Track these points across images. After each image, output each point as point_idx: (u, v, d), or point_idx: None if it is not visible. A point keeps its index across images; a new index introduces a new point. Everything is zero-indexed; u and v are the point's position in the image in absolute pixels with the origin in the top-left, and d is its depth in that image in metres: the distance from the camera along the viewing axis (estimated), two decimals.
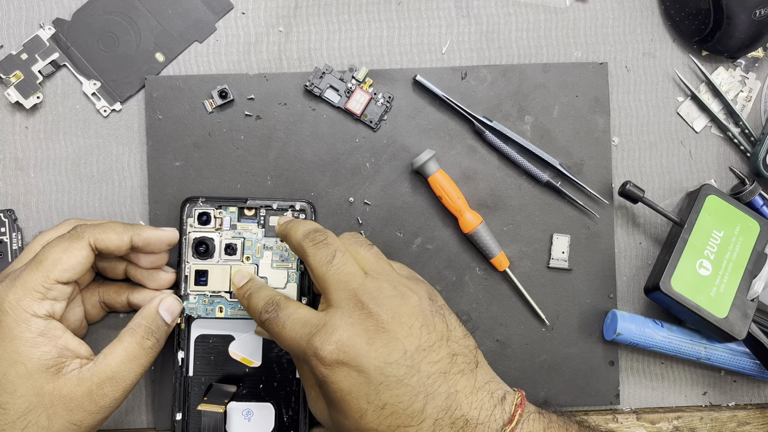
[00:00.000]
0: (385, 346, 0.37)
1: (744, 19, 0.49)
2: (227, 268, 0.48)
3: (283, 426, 0.48)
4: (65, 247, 0.41)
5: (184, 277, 0.48)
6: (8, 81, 0.50)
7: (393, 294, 0.39)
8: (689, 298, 0.47)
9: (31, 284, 0.40)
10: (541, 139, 0.52)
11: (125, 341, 0.42)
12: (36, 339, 0.40)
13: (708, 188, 0.49)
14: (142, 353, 0.42)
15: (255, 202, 0.48)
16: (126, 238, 0.43)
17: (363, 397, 0.37)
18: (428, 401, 0.37)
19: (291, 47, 0.52)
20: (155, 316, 0.44)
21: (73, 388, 0.40)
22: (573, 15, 0.53)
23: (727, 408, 0.52)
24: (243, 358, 0.48)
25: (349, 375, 0.37)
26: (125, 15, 0.51)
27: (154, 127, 0.50)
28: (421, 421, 0.37)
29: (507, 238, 0.51)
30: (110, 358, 0.41)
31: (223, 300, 0.48)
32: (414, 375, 0.37)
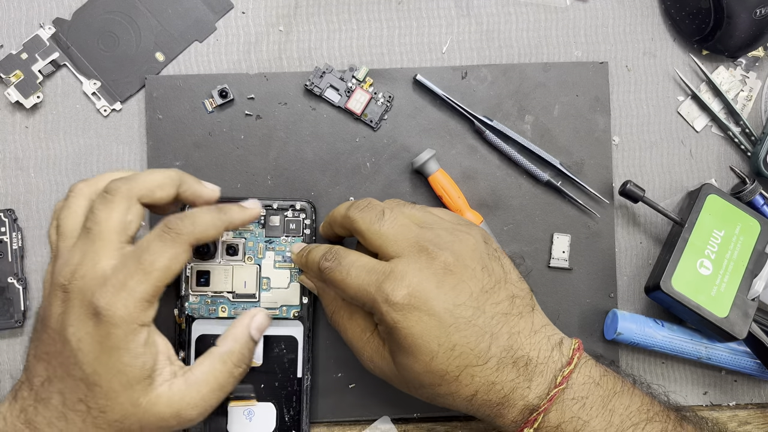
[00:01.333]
0: (453, 289, 0.38)
1: (744, 18, 0.49)
2: (229, 269, 0.48)
3: (285, 426, 0.48)
4: (173, 256, 0.39)
5: (185, 278, 0.47)
6: (8, 81, 0.50)
7: (451, 239, 0.40)
8: (690, 297, 0.47)
9: (140, 295, 0.38)
10: (542, 139, 0.52)
11: (217, 369, 0.41)
12: (139, 349, 0.38)
13: (708, 188, 0.49)
14: (231, 382, 0.41)
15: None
16: (221, 224, 0.41)
17: (434, 339, 0.38)
18: (493, 341, 0.38)
19: (291, 47, 0.52)
20: (248, 340, 0.43)
21: (162, 408, 0.39)
22: (573, 14, 0.53)
23: (728, 408, 0.52)
24: None
25: (420, 319, 0.38)
26: (125, 14, 0.51)
27: (155, 126, 0.50)
28: (486, 360, 0.38)
29: (507, 238, 0.51)
30: (200, 385, 0.40)
31: (226, 300, 0.48)
32: (480, 316, 0.38)
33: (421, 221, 0.41)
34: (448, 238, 0.40)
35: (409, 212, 0.42)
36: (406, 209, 0.42)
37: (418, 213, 0.42)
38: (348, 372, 0.50)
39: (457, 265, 0.39)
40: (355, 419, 0.50)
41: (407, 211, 0.42)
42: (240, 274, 0.48)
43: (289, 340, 0.48)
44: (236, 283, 0.48)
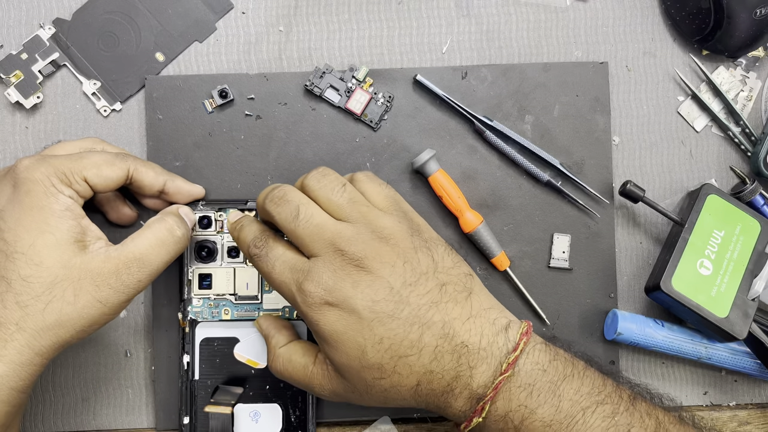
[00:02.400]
0: (369, 287, 0.38)
1: (744, 18, 0.49)
2: (231, 270, 0.48)
3: (291, 426, 0.48)
4: (108, 160, 0.43)
5: (187, 281, 0.47)
6: (8, 81, 0.50)
7: (370, 237, 0.39)
8: (690, 297, 0.47)
9: (62, 168, 0.41)
10: (542, 139, 0.52)
11: (154, 227, 0.43)
12: (64, 212, 0.40)
13: (708, 188, 0.49)
14: (171, 240, 0.42)
15: (255, 203, 0.48)
16: (161, 180, 0.46)
17: (358, 333, 0.38)
18: (424, 330, 0.38)
19: (291, 47, 0.52)
20: (178, 213, 0.45)
21: (100, 264, 0.40)
22: (573, 14, 0.53)
23: (728, 408, 0.52)
24: (248, 359, 0.48)
25: (341, 316, 0.38)
26: (125, 15, 0.51)
27: (155, 126, 0.50)
28: (420, 349, 0.38)
29: (507, 238, 0.51)
30: (138, 240, 0.41)
31: (229, 302, 0.48)
32: (404, 308, 0.38)
33: (345, 215, 0.40)
34: (367, 237, 0.39)
35: (335, 202, 0.40)
36: (333, 198, 0.40)
37: (345, 205, 0.40)
38: None
39: (373, 263, 0.38)
40: (356, 419, 0.50)
41: (334, 201, 0.40)
42: (242, 276, 0.48)
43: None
44: (238, 286, 0.48)
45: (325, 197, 0.41)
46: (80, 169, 0.42)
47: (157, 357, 0.49)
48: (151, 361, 0.50)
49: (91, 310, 0.39)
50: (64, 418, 0.50)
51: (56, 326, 0.39)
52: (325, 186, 0.41)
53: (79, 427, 0.50)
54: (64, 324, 0.39)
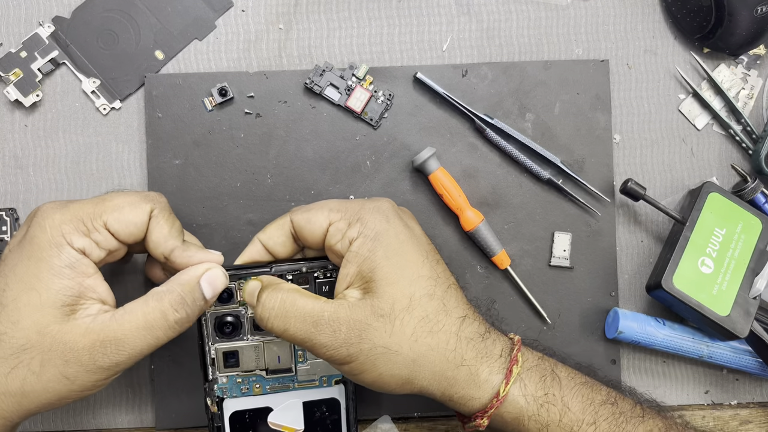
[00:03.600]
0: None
1: (745, 16, 0.49)
2: (259, 345, 0.43)
3: None
4: (133, 202, 0.38)
5: (211, 360, 0.43)
6: (7, 79, 0.50)
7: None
8: (691, 296, 0.47)
9: (80, 214, 0.37)
10: (542, 137, 0.52)
11: (149, 305, 0.37)
12: (62, 269, 0.36)
13: (710, 186, 0.49)
14: (162, 325, 0.37)
15: (281, 268, 0.42)
16: (169, 245, 0.40)
17: (419, 246, 0.41)
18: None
19: (291, 45, 0.52)
20: (194, 287, 0.38)
21: (76, 337, 0.36)
22: (574, 12, 0.53)
23: (729, 406, 0.52)
24: (284, 427, 0.45)
25: (404, 225, 0.41)
26: (125, 13, 0.51)
27: (154, 125, 0.50)
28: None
29: (508, 236, 0.51)
30: (126, 318, 0.37)
31: (260, 378, 0.43)
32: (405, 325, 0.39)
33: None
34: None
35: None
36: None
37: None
38: None
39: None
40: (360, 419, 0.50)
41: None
42: (271, 350, 0.43)
43: (330, 403, 0.45)
44: (269, 360, 0.43)
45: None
46: (100, 213, 0.38)
47: (157, 357, 0.49)
48: (150, 360, 0.50)
49: (56, 385, 0.36)
50: (64, 417, 0.50)
51: (19, 394, 0.36)
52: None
53: (79, 427, 0.50)
54: (27, 394, 0.36)
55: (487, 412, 0.39)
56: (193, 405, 0.49)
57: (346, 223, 0.40)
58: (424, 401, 0.42)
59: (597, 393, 0.41)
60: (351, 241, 0.39)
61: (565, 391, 0.40)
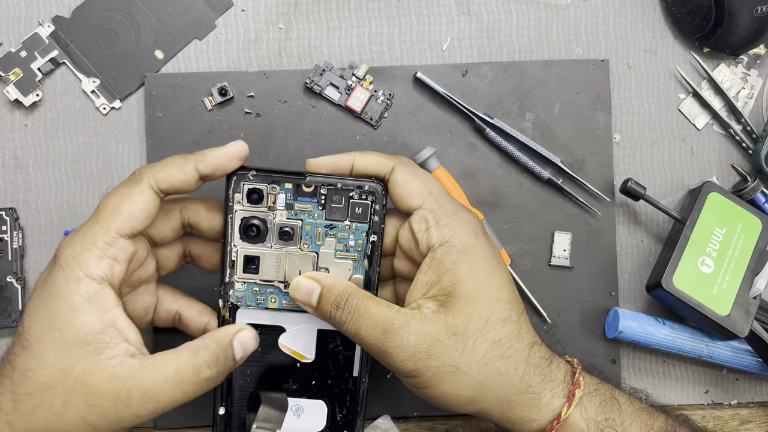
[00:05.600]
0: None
1: (745, 15, 0.49)
2: (282, 255, 0.41)
3: (336, 425, 0.43)
4: (123, 194, 0.36)
5: (230, 262, 0.41)
6: (7, 79, 0.50)
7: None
8: (691, 295, 0.47)
9: (89, 238, 0.35)
10: (542, 137, 0.52)
11: (182, 358, 0.35)
12: (81, 304, 0.34)
13: (710, 185, 0.49)
14: (193, 381, 0.35)
15: (316, 179, 0.41)
16: (190, 169, 0.37)
17: (501, 270, 0.40)
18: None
19: (291, 44, 0.52)
20: (228, 345, 0.37)
21: (101, 381, 0.34)
22: (574, 12, 0.53)
23: (729, 406, 0.52)
24: (294, 351, 0.43)
25: (486, 249, 0.40)
26: (125, 12, 0.51)
27: (154, 124, 0.50)
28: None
29: (508, 236, 0.51)
30: (156, 368, 0.35)
31: (277, 290, 0.42)
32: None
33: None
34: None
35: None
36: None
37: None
38: None
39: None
40: None
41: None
42: (294, 263, 0.41)
43: (346, 337, 0.41)
44: (290, 272, 0.41)
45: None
46: (106, 224, 0.36)
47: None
48: None
49: (77, 429, 0.34)
50: None
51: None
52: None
53: None
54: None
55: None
56: (193, 404, 0.49)
57: (436, 217, 0.39)
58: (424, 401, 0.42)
59: (655, 420, 0.41)
60: (433, 246, 0.38)
61: (625, 416, 0.40)
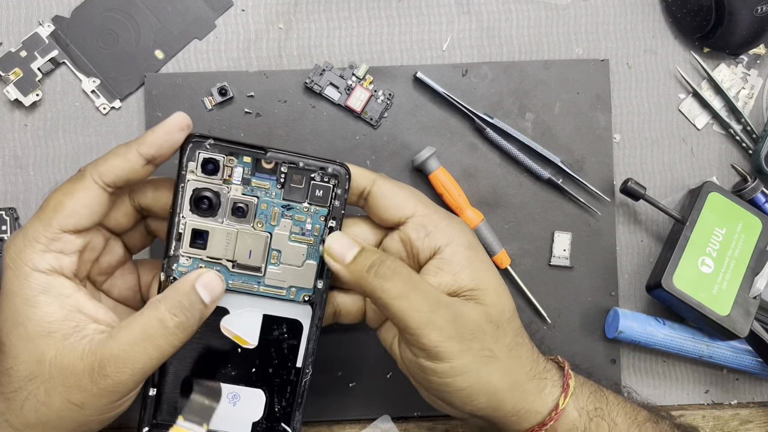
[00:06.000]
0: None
1: (746, 15, 0.49)
2: (233, 233, 0.39)
3: (274, 416, 0.41)
4: (67, 190, 0.35)
5: (177, 235, 0.38)
6: (7, 78, 0.50)
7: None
8: (691, 295, 0.47)
9: (31, 234, 0.35)
10: (543, 137, 0.51)
11: (144, 315, 0.35)
12: (37, 297, 0.34)
13: (710, 185, 0.49)
14: (161, 332, 0.35)
15: (277, 155, 0.38)
16: (132, 155, 0.36)
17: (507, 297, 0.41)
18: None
19: (291, 44, 0.52)
20: (190, 290, 0.36)
21: (74, 361, 0.34)
22: (574, 12, 0.53)
23: (730, 406, 0.52)
24: (236, 336, 0.41)
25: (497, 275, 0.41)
26: (125, 12, 0.51)
27: (154, 124, 0.49)
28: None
29: (508, 236, 0.51)
30: (122, 333, 0.35)
31: (224, 269, 0.39)
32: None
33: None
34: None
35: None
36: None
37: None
38: (348, 370, 0.50)
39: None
40: (356, 418, 0.50)
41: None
42: (245, 242, 0.39)
43: (292, 324, 0.41)
44: (239, 251, 0.39)
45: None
46: (48, 221, 0.35)
47: None
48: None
49: (68, 413, 0.34)
50: None
51: (39, 426, 0.35)
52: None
53: None
54: (46, 424, 0.35)
55: (546, 425, 0.39)
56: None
57: (433, 222, 0.39)
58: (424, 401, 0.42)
59: (639, 411, 0.42)
60: (440, 247, 0.38)
61: (612, 406, 0.41)
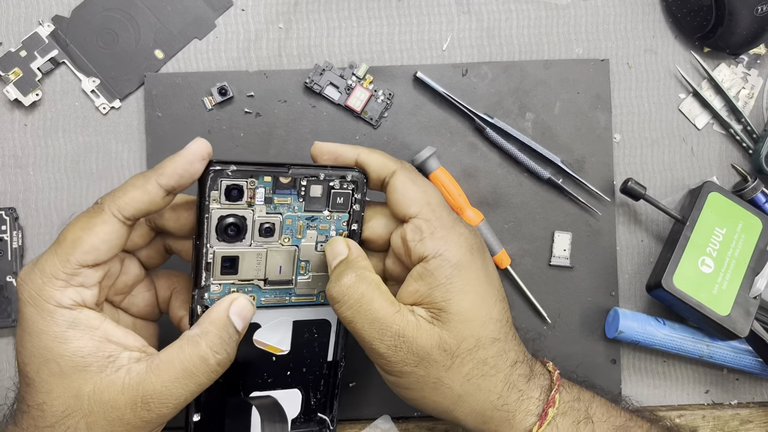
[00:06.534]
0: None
1: (746, 15, 0.49)
2: (263, 253, 0.39)
3: (310, 409, 0.43)
4: (85, 224, 0.35)
5: (206, 265, 0.38)
6: (7, 78, 0.50)
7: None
8: (691, 295, 0.47)
9: (49, 270, 0.34)
10: (543, 136, 0.51)
11: (185, 353, 0.35)
12: (65, 333, 0.34)
13: (710, 185, 0.49)
14: (203, 370, 0.35)
15: (299, 171, 0.38)
16: (151, 187, 0.35)
17: (493, 290, 0.39)
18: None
19: (291, 44, 0.52)
20: (227, 323, 0.36)
21: (115, 396, 0.34)
22: (574, 11, 0.53)
23: (730, 406, 0.52)
24: (269, 346, 0.42)
25: (481, 266, 0.40)
26: (124, 12, 0.51)
27: (154, 124, 0.50)
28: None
29: (508, 236, 0.51)
30: (163, 369, 0.34)
31: (255, 288, 0.40)
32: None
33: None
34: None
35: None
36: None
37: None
38: (348, 370, 0.50)
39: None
40: (356, 418, 0.50)
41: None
42: (274, 259, 0.40)
43: (321, 324, 0.42)
44: (270, 269, 0.40)
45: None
46: (66, 256, 0.34)
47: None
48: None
49: None
50: None
51: None
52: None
53: None
54: None
55: None
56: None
57: (431, 228, 0.38)
58: None
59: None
60: (427, 257, 0.38)
61: None
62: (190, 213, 0.38)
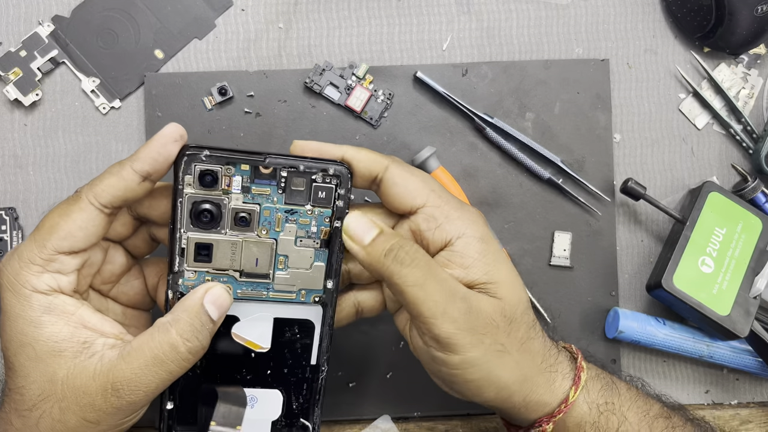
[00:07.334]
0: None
1: (746, 15, 0.49)
2: (238, 243, 0.38)
3: (292, 413, 0.42)
4: (62, 211, 0.35)
5: (180, 250, 0.38)
6: (7, 78, 0.50)
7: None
8: (691, 295, 0.47)
9: (26, 256, 0.34)
10: (543, 136, 0.51)
11: (155, 340, 0.35)
12: (41, 318, 0.34)
13: (710, 185, 0.49)
14: (173, 357, 0.35)
15: (276, 160, 0.37)
16: (126, 173, 0.35)
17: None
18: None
19: (291, 44, 0.52)
20: (199, 311, 0.36)
21: (86, 381, 0.34)
22: (574, 11, 0.53)
23: (730, 406, 0.52)
24: (248, 341, 0.41)
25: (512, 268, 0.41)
26: (124, 12, 0.51)
27: (154, 124, 0.50)
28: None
29: (508, 236, 0.51)
30: (134, 356, 0.34)
31: (231, 279, 0.39)
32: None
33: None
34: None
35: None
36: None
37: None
38: (348, 370, 0.50)
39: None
40: (356, 418, 0.50)
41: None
42: (251, 250, 0.39)
43: (303, 324, 0.41)
44: (245, 261, 0.39)
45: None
46: (43, 242, 0.35)
47: None
48: None
49: (85, 429, 0.35)
50: None
51: None
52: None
53: None
54: None
55: (554, 416, 0.39)
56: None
57: (444, 213, 0.38)
58: (424, 401, 0.42)
59: (651, 406, 0.41)
60: (450, 240, 0.38)
61: (623, 401, 0.40)
62: (169, 201, 0.38)
